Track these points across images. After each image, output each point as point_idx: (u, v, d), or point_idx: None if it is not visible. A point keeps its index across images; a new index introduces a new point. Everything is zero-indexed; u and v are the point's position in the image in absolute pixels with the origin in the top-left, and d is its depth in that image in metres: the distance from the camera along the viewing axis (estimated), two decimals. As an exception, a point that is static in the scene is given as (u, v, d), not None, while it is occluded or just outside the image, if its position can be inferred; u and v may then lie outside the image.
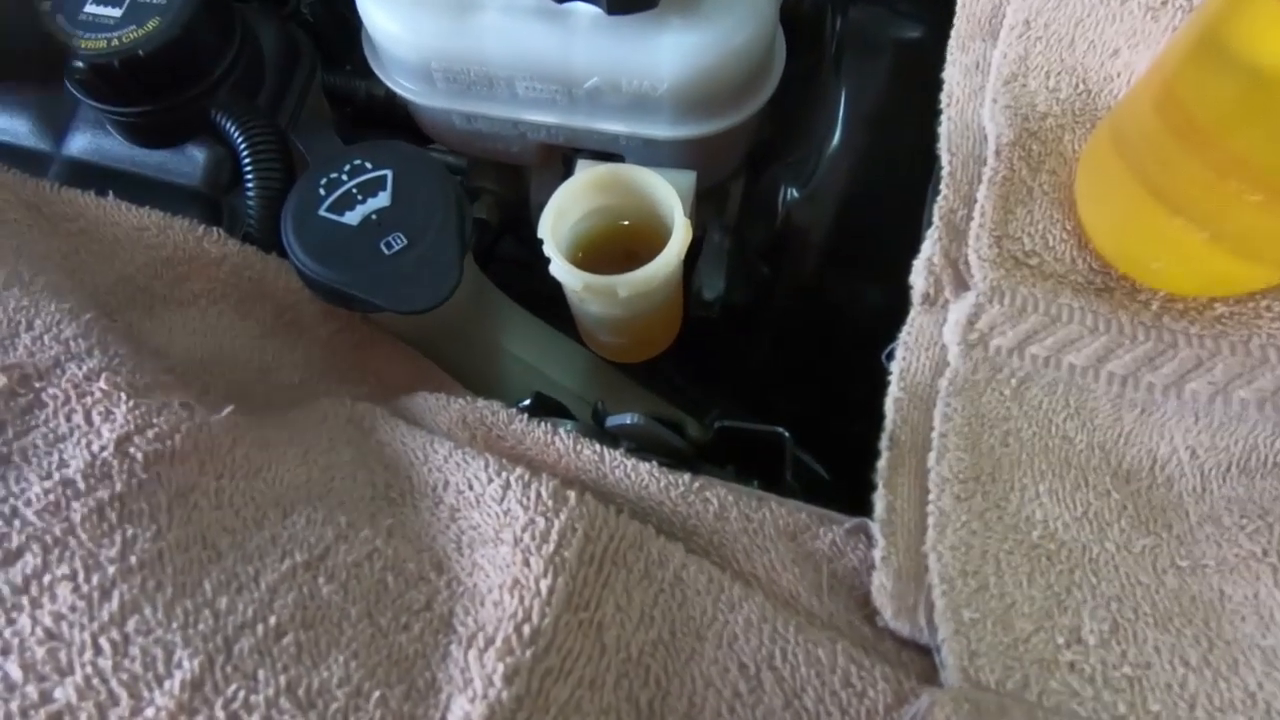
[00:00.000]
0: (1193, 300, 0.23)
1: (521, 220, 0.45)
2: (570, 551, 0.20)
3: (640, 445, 0.27)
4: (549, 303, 0.40)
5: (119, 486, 0.20)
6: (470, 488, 0.22)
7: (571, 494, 0.21)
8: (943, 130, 0.26)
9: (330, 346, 0.35)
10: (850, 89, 0.34)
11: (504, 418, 0.26)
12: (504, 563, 0.20)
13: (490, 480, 0.22)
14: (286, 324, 0.34)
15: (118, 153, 0.37)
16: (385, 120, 0.45)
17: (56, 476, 0.20)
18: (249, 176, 0.35)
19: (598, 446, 0.24)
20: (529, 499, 0.21)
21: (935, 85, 0.36)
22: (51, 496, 0.19)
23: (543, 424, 0.26)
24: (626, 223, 0.32)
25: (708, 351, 0.39)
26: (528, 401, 0.27)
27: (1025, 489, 0.22)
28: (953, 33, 0.28)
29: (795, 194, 0.34)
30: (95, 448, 0.20)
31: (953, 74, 0.27)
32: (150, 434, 0.21)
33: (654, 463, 0.24)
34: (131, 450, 0.20)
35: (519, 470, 0.22)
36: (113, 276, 0.31)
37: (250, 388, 0.32)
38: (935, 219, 0.25)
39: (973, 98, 0.27)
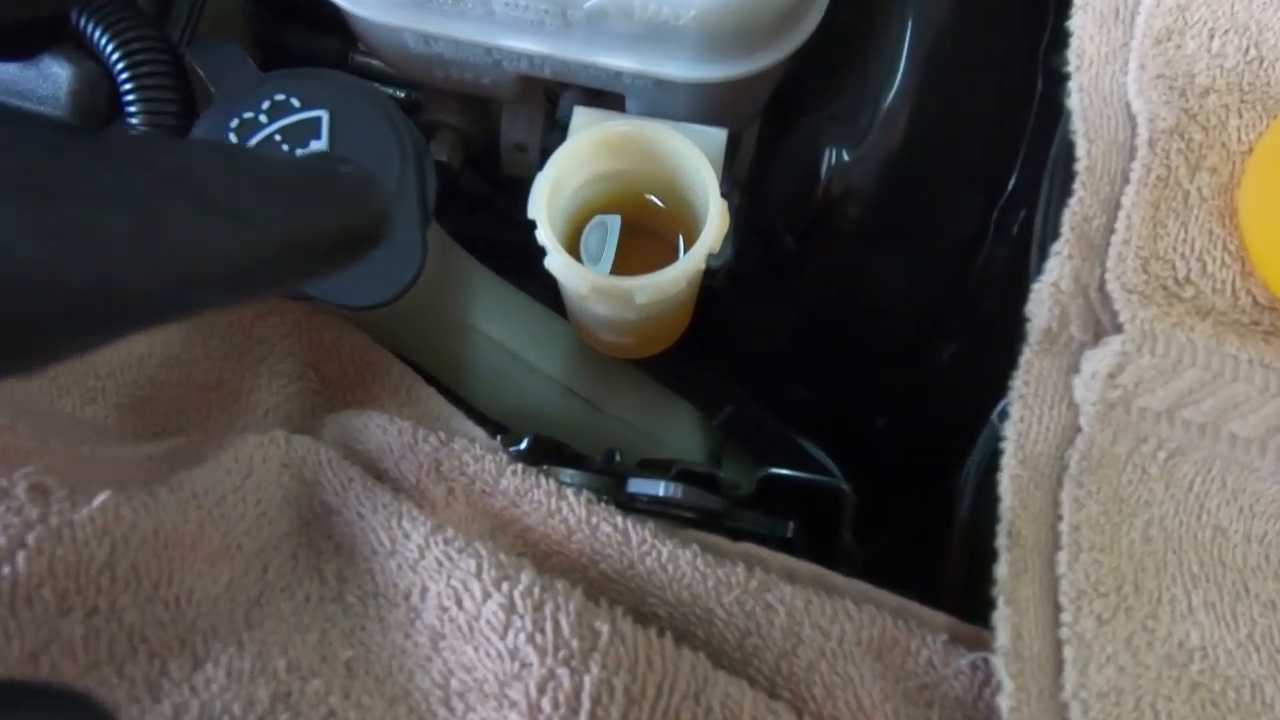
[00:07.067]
0: (1379, 351, 0.19)
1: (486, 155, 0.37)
2: (610, 732, 0.14)
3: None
4: (518, 254, 0.34)
5: None
6: (458, 603, 0.16)
7: (603, 626, 0.16)
8: (1074, 104, 0.20)
9: (256, 334, 0.27)
10: (917, 19, 0.27)
11: (491, 468, 0.20)
12: (516, 743, 0.14)
13: (486, 596, 0.16)
14: None
15: (-55, 66, 0.27)
16: (311, 19, 0.36)
17: None
18: (132, 105, 0.27)
19: (619, 520, 0.19)
20: (544, 633, 0.15)
21: (1007, 18, 0.30)
22: None
23: (544, 481, 0.20)
24: (642, 194, 0.25)
25: (715, 330, 0.33)
26: (524, 445, 0.21)
27: (1176, 601, 0.17)
28: (1083, -35, 0.21)
29: (845, 156, 0.27)
30: None
31: (1083, 24, 0.21)
32: None
33: (695, 549, 0.18)
34: None
35: (524, 579, 0.16)
36: None
37: (153, 396, 0.25)
38: (1065, 229, 0.19)
39: (1110, 60, 0.20)
